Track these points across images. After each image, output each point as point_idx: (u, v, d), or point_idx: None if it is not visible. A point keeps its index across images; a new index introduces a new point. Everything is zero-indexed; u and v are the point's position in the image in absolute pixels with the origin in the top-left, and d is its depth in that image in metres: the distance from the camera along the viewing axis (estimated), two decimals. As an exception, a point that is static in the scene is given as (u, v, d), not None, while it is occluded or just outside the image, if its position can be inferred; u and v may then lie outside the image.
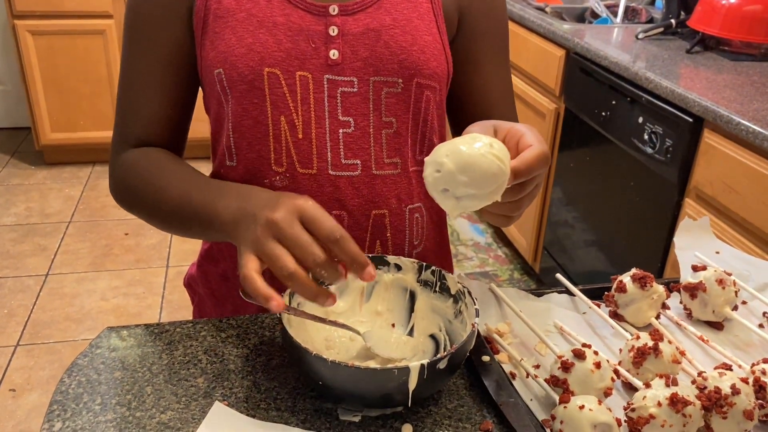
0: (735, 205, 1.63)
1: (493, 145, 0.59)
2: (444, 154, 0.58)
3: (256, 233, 0.66)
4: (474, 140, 0.59)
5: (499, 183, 0.58)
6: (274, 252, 0.65)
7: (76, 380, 0.71)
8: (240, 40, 0.81)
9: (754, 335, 0.82)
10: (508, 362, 0.76)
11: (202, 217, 0.78)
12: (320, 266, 0.65)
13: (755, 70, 2.00)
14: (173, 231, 0.88)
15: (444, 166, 0.57)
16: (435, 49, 0.85)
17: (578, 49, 2.25)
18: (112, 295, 2.66)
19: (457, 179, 0.58)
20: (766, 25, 2.10)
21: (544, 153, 0.64)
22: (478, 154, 0.57)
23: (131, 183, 0.87)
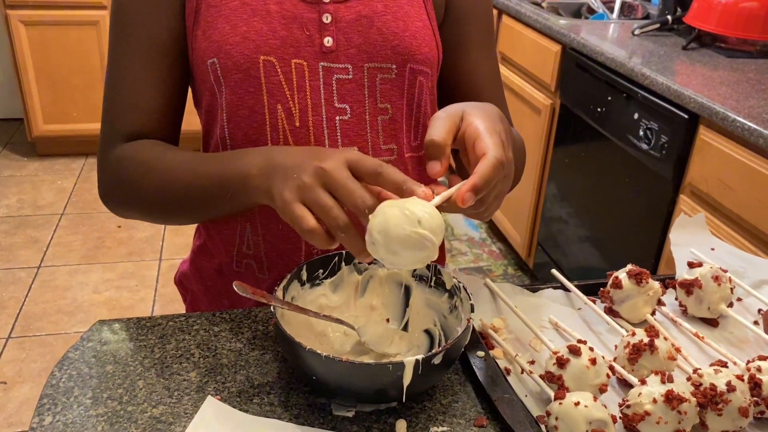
0: (730, 202, 1.63)
1: (421, 221, 0.60)
2: (377, 230, 0.61)
3: (303, 181, 0.65)
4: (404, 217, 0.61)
5: (428, 253, 0.62)
6: (327, 202, 0.63)
7: (66, 374, 0.71)
8: (234, 29, 0.80)
9: (749, 332, 0.82)
10: (503, 358, 0.75)
11: (222, 182, 0.76)
12: (367, 208, 0.63)
13: (751, 67, 2.00)
14: (180, 216, 0.86)
15: (377, 242, 0.61)
16: (426, 35, 0.86)
17: (574, 45, 2.24)
18: (104, 288, 2.64)
19: (390, 254, 0.62)
20: (763, 22, 2.10)
21: (500, 160, 0.64)
22: (404, 235, 0.60)
23: (127, 176, 0.84)
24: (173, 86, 0.87)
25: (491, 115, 0.69)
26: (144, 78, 0.84)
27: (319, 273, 0.78)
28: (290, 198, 0.65)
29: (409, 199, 0.62)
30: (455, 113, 0.68)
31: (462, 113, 0.69)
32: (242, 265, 0.91)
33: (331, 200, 0.64)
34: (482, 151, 0.64)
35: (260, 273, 0.90)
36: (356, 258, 0.66)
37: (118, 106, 0.86)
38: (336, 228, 0.63)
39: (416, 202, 0.61)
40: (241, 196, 0.74)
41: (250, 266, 0.91)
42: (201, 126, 0.91)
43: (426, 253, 0.61)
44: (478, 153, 0.65)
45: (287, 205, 0.65)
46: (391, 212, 0.61)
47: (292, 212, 0.64)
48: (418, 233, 0.60)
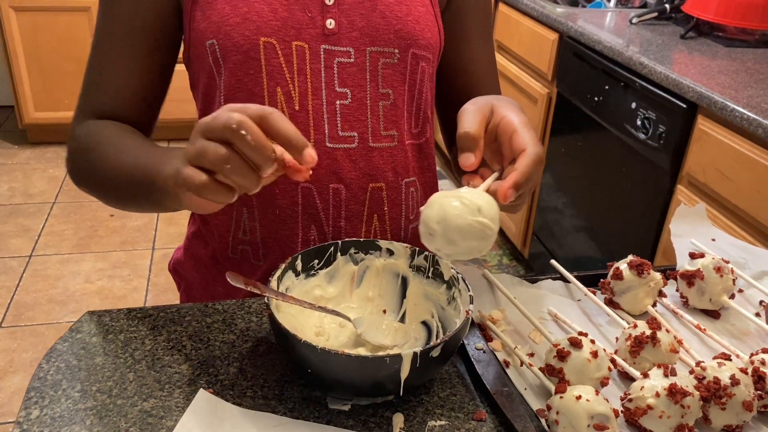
0: (728, 192, 1.62)
1: (482, 210, 0.60)
2: (435, 220, 0.60)
3: (187, 147, 0.59)
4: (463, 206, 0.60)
5: (488, 242, 0.61)
6: (202, 146, 0.57)
7: (54, 366, 0.69)
8: (234, 10, 0.78)
9: (751, 324, 0.81)
10: (502, 350, 0.74)
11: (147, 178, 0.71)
12: (239, 124, 0.55)
13: (749, 57, 1.98)
14: (116, 203, 0.83)
15: (436, 233, 0.60)
16: (429, 20, 0.84)
17: (572, 33, 2.22)
18: (96, 277, 2.62)
19: (449, 244, 0.61)
20: (761, 10, 2.08)
21: (539, 156, 0.65)
22: (466, 224, 0.59)
23: (82, 151, 0.82)
24: (152, 70, 0.84)
25: (518, 109, 0.69)
26: (122, 59, 0.82)
27: (315, 263, 0.76)
28: (180, 166, 0.59)
29: (462, 189, 0.62)
30: (485, 106, 0.68)
31: (491, 106, 0.68)
32: (238, 251, 0.89)
33: (206, 142, 0.57)
34: (520, 146, 0.64)
35: (255, 260, 0.89)
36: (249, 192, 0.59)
37: (94, 83, 0.84)
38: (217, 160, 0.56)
39: (470, 191, 0.61)
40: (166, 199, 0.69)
41: (245, 253, 0.89)
42: (197, 110, 0.89)
43: (486, 242, 0.61)
44: (516, 147, 0.64)
45: (178, 174, 0.58)
46: (449, 203, 0.60)
47: (183, 178, 0.58)
48: (480, 222, 0.59)
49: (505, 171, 0.67)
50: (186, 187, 0.58)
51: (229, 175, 0.57)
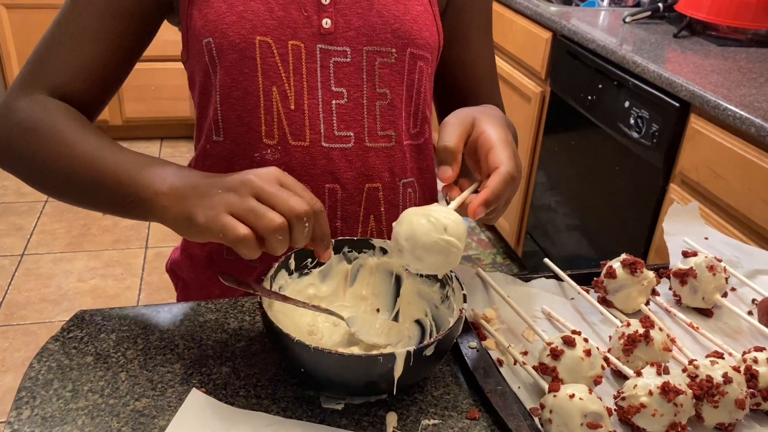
0: (720, 191, 1.62)
1: (448, 229, 0.63)
2: (404, 237, 0.63)
3: (230, 193, 0.62)
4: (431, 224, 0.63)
5: (454, 259, 0.64)
6: (256, 207, 0.60)
7: (46, 365, 0.68)
8: (231, 8, 0.78)
9: (743, 322, 0.81)
10: (495, 349, 0.74)
11: (124, 187, 0.69)
12: (307, 216, 0.61)
13: (742, 56, 1.99)
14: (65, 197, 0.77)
15: (404, 249, 0.63)
16: (427, 20, 0.84)
17: (565, 32, 2.22)
18: (89, 276, 2.61)
19: (416, 260, 0.64)
20: (754, 10, 2.09)
21: (512, 175, 0.66)
22: (431, 242, 0.62)
23: (28, 130, 0.75)
24: (119, 55, 0.81)
25: (501, 122, 0.71)
26: (93, 32, 0.79)
27: (308, 262, 0.76)
28: (217, 211, 0.61)
29: (431, 206, 0.64)
30: (466, 119, 0.69)
31: (473, 119, 0.70)
32: (233, 253, 0.89)
33: (262, 205, 0.61)
34: (495, 163, 0.66)
35: (251, 261, 0.88)
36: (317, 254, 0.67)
37: (53, 55, 0.79)
38: (271, 230, 0.60)
39: (439, 209, 0.64)
40: (142, 209, 0.69)
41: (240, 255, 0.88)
42: (195, 109, 0.89)
43: (451, 258, 0.63)
44: (491, 165, 0.66)
45: (214, 218, 0.61)
46: (417, 220, 0.62)
47: (219, 223, 0.61)
48: (445, 240, 0.62)
49: (481, 186, 0.69)
50: (220, 235, 0.61)
51: (273, 243, 0.61)
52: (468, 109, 0.73)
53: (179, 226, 0.65)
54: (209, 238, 0.63)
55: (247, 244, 0.60)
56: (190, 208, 0.64)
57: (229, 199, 0.61)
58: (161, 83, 3.57)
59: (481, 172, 0.70)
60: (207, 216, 0.62)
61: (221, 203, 0.62)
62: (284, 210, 0.61)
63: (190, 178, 0.67)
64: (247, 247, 0.60)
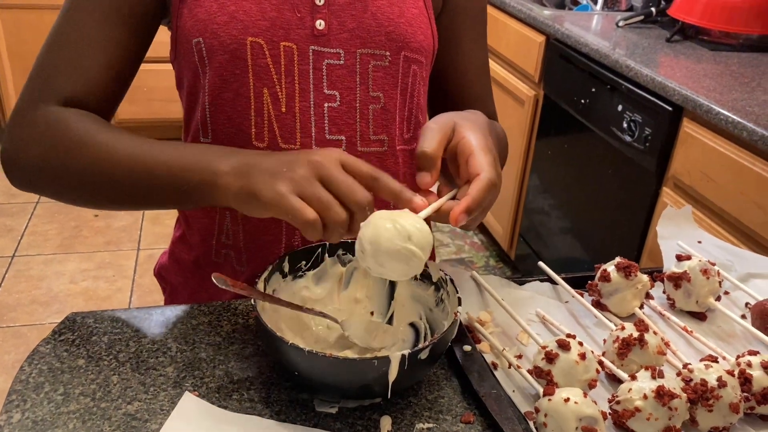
0: (712, 195, 1.63)
1: (412, 237, 0.61)
2: (368, 240, 0.62)
3: (299, 173, 0.63)
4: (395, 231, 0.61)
5: (414, 268, 0.63)
6: (328, 197, 0.62)
7: (36, 368, 0.68)
8: (222, 8, 0.77)
9: (736, 326, 0.81)
10: (490, 352, 0.73)
11: (181, 173, 0.69)
12: (368, 206, 0.63)
13: (734, 60, 2.00)
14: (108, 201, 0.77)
15: (366, 252, 0.62)
16: (422, 23, 0.83)
17: (559, 36, 2.23)
18: (81, 278, 2.59)
19: (377, 265, 0.63)
20: (746, 14, 2.10)
21: (492, 181, 0.65)
22: (394, 249, 0.61)
23: (56, 142, 0.74)
24: (126, 56, 0.80)
25: (482, 127, 0.70)
26: (97, 39, 0.77)
27: (302, 264, 0.76)
28: (285, 190, 0.62)
29: (402, 212, 0.63)
30: (446, 124, 0.68)
31: (453, 125, 0.69)
32: (221, 255, 0.88)
33: (329, 195, 0.62)
34: (476, 170, 0.65)
35: (239, 265, 0.88)
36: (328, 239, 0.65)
37: (61, 64, 0.78)
38: (336, 224, 0.62)
39: (408, 216, 0.62)
40: (202, 192, 0.69)
41: (228, 257, 0.88)
42: (183, 109, 0.88)
43: (412, 268, 0.62)
44: (472, 171, 0.66)
45: (282, 197, 0.62)
46: (383, 225, 0.61)
47: (289, 204, 0.62)
48: (407, 249, 0.61)
49: (460, 192, 0.68)
50: (288, 215, 0.62)
51: (334, 234, 0.63)
52: (449, 114, 0.72)
53: (243, 202, 0.66)
54: (274, 214, 0.64)
55: (314, 228, 0.61)
56: (255, 185, 0.64)
57: (297, 179, 0.63)
58: (154, 85, 3.54)
59: (461, 178, 0.69)
60: (275, 192, 0.62)
61: (288, 182, 0.63)
62: (349, 201, 0.62)
63: (248, 156, 0.68)
64: (315, 230, 0.62)
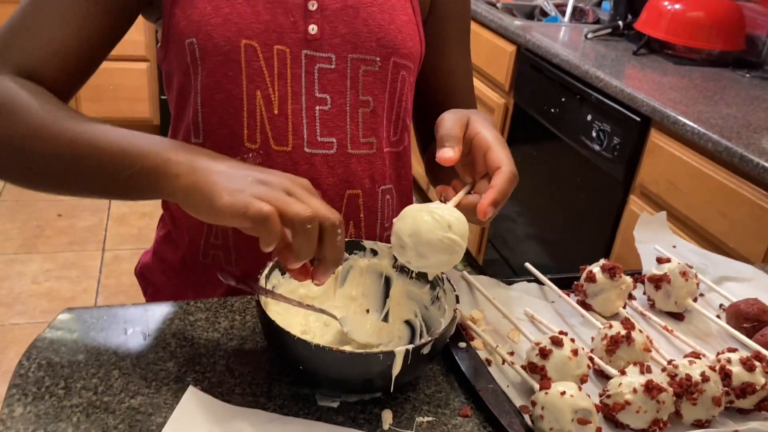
0: (679, 203, 1.69)
1: (452, 226, 0.63)
2: (407, 233, 0.63)
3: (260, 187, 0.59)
4: (435, 222, 0.63)
5: (457, 257, 0.65)
6: (287, 198, 0.58)
7: (35, 363, 0.67)
8: (216, 10, 0.78)
9: (713, 325, 0.85)
10: (483, 349, 0.76)
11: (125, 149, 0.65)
12: (339, 225, 0.60)
13: (697, 74, 2.08)
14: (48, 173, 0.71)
15: (407, 246, 0.63)
16: (411, 29, 0.86)
17: (529, 46, 2.28)
18: (44, 278, 2.54)
19: (419, 258, 0.64)
20: (707, 31, 2.18)
21: (514, 174, 0.68)
22: (436, 239, 0.62)
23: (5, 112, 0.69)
24: (98, 35, 0.78)
25: (492, 125, 0.72)
26: (70, 12, 0.75)
27: (300, 262, 0.77)
28: (245, 192, 0.58)
29: (432, 203, 0.64)
30: (463, 117, 0.71)
31: (468, 118, 0.71)
32: (209, 256, 0.89)
33: (292, 198, 0.59)
34: (496, 163, 0.67)
35: (227, 264, 0.88)
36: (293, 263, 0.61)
37: (23, 34, 0.75)
38: (300, 221, 0.57)
39: (441, 207, 0.64)
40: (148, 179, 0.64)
41: (217, 258, 0.88)
42: (171, 108, 0.88)
43: (454, 257, 0.64)
44: (492, 165, 0.67)
45: (238, 197, 0.58)
46: (421, 217, 0.62)
47: (244, 200, 0.57)
48: (449, 238, 0.62)
49: (478, 185, 0.70)
50: (245, 209, 0.57)
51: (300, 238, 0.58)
52: (461, 110, 0.74)
53: (189, 198, 0.61)
54: (227, 218, 0.58)
55: (270, 224, 0.56)
56: (212, 186, 0.59)
57: (259, 189, 0.59)
58: (120, 83, 3.51)
59: (478, 171, 0.71)
60: (232, 198, 0.58)
61: (249, 189, 0.59)
62: (319, 217, 0.59)
63: (208, 155, 0.64)
64: (269, 228, 0.56)
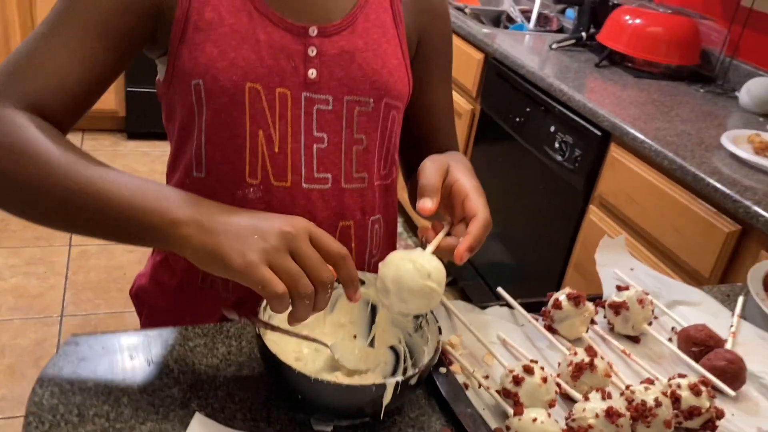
0: (635, 215, 1.79)
1: (431, 275, 0.70)
2: (391, 280, 0.70)
3: (270, 244, 0.64)
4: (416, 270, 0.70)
5: (435, 302, 0.72)
6: (294, 269, 0.64)
7: (48, 390, 0.72)
8: (223, 54, 0.82)
9: (665, 348, 0.94)
10: (461, 373, 0.83)
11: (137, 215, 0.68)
12: (328, 287, 0.66)
13: (654, 88, 2.18)
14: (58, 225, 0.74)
15: (390, 291, 0.71)
16: (401, 72, 0.92)
17: (497, 55, 2.35)
18: (9, 274, 2.53)
19: (401, 302, 0.71)
20: (665, 46, 2.29)
21: (489, 222, 0.76)
22: (417, 287, 0.70)
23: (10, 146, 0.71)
24: (101, 73, 0.81)
25: (470, 171, 0.80)
26: (76, 50, 0.78)
27: (293, 292, 0.83)
28: (256, 260, 0.64)
29: (414, 251, 0.71)
30: (443, 165, 0.78)
31: (448, 166, 0.78)
32: (207, 282, 0.94)
33: (298, 268, 0.65)
34: (473, 211, 0.75)
35: (224, 291, 0.94)
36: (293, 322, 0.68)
37: (30, 67, 0.77)
38: (302, 296, 0.65)
39: (423, 255, 0.71)
40: (156, 238, 0.68)
41: (215, 284, 0.94)
42: (171, 139, 0.93)
43: (432, 302, 0.71)
44: (468, 212, 0.75)
45: (253, 267, 0.63)
46: (404, 265, 0.69)
47: (260, 275, 0.63)
48: (429, 286, 0.69)
49: (456, 228, 0.78)
50: (256, 286, 0.63)
51: (300, 307, 0.66)
52: (441, 156, 0.82)
53: (201, 259, 0.66)
54: (240, 280, 0.64)
55: (282, 302, 0.64)
56: (222, 248, 0.64)
57: (266, 249, 0.64)
58: (85, 74, 3.47)
59: (456, 215, 0.79)
60: (246, 261, 0.63)
61: (260, 251, 0.64)
62: (314, 278, 0.65)
63: (212, 209, 0.68)
64: (282, 304, 0.64)
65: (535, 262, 2.25)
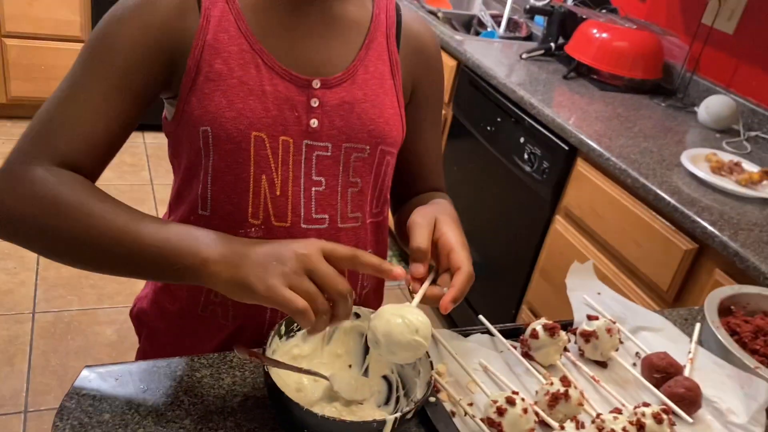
0: (599, 228, 1.89)
1: (419, 330, 0.78)
2: (381, 333, 0.77)
3: (288, 267, 0.72)
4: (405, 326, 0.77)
5: (420, 353, 0.79)
6: (314, 289, 0.72)
7: (68, 424, 0.77)
8: (230, 104, 0.87)
9: (630, 374, 1.03)
10: (448, 401, 0.90)
11: (169, 256, 0.76)
12: (348, 294, 0.74)
13: (619, 101, 2.28)
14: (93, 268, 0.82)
15: (380, 343, 0.78)
16: (396, 121, 0.98)
17: (469, 64, 2.42)
18: (-21, 269, 2.52)
19: (389, 353, 0.79)
20: (630, 60, 2.39)
21: (472, 275, 0.83)
22: (405, 342, 0.77)
23: (51, 201, 0.78)
24: (124, 125, 0.88)
25: (456, 223, 0.87)
26: (101, 107, 0.85)
27: (294, 326, 0.89)
28: (277, 284, 0.71)
29: (404, 307, 0.78)
30: (431, 221, 0.85)
31: (435, 220, 0.85)
32: (207, 310, 0.99)
33: (315, 288, 0.73)
34: (457, 264, 0.82)
35: (224, 319, 0.99)
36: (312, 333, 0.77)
37: (62, 125, 0.84)
38: (320, 313, 0.73)
39: (412, 311, 0.78)
40: (189, 277, 0.76)
41: (214, 312, 0.99)
42: (176, 176, 0.97)
43: (419, 354, 0.78)
44: (453, 264, 0.82)
45: (275, 290, 0.71)
46: (394, 321, 0.77)
47: (282, 296, 0.71)
48: (416, 340, 0.77)
49: (441, 278, 0.85)
50: (281, 305, 0.71)
51: (320, 322, 0.73)
52: (430, 209, 0.89)
53: (231, 290, 0.74)
54: (266, 304, 0.72)
55: (306, 317, 0.71)
56: (247, 278, 0.72)
57: (287, 272, 0.72)
58: (52, 63, 3.43)
59: (441, 266, 0.86)
60: (268, 286, 0.71)
61: (279, 276, 0.71)
62: (332, 292, 0.73)
63: (235, 245, 0.76)
64: (306, 319, 0.71)
65: (503, 266, 2.35)
